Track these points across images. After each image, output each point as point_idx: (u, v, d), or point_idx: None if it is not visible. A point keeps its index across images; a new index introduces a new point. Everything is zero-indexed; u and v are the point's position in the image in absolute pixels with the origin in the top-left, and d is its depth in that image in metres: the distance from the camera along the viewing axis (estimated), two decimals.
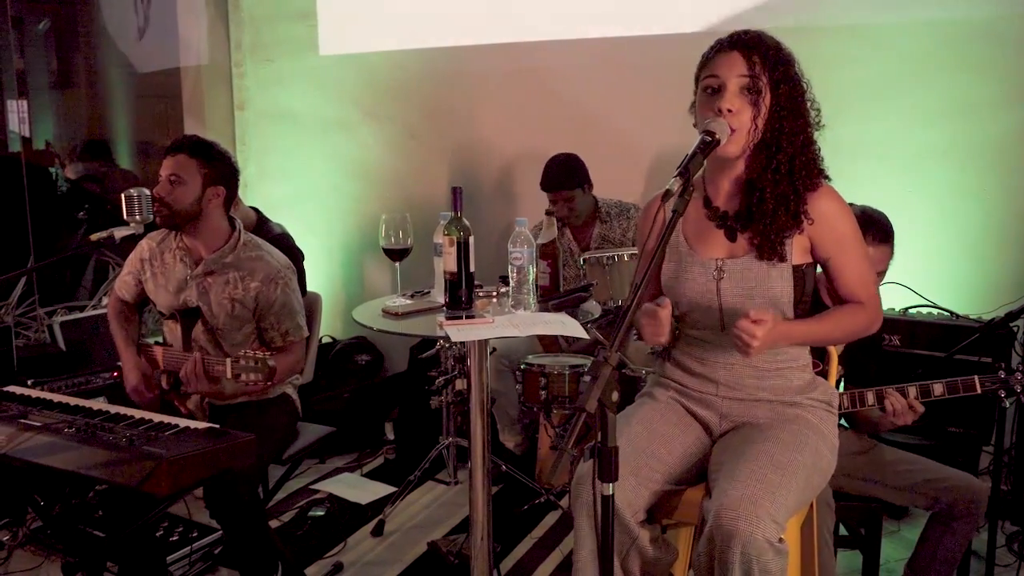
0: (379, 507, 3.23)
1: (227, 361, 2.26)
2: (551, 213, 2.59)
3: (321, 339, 3.87)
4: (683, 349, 1.89)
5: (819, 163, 1.80)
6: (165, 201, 2.44)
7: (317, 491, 3.41)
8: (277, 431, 2.54)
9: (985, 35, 3.03)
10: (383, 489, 3.42)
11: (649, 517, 1.78)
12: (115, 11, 5.01)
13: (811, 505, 1.92)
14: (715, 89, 1.74)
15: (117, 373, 2.81)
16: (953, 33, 3.07)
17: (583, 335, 2.08)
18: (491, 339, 2.34)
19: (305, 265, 3.46)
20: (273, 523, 3.08)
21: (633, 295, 1.50)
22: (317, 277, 4.08)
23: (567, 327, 2.10)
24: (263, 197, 4.36)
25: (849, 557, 2.61)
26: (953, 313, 2.98)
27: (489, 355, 2.38)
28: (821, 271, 1.86)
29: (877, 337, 2.52)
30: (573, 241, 3.48)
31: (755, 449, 1.71)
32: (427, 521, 3.18)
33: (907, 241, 2.43)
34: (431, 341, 3.48)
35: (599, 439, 1.44)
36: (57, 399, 2.25)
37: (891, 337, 2.98)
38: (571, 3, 3.76)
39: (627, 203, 3.51)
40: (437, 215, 2.43)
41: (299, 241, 3.50)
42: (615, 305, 2.62)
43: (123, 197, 2.51)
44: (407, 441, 3.74)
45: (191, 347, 2.48)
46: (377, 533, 3.07)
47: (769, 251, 1.77)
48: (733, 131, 1.71)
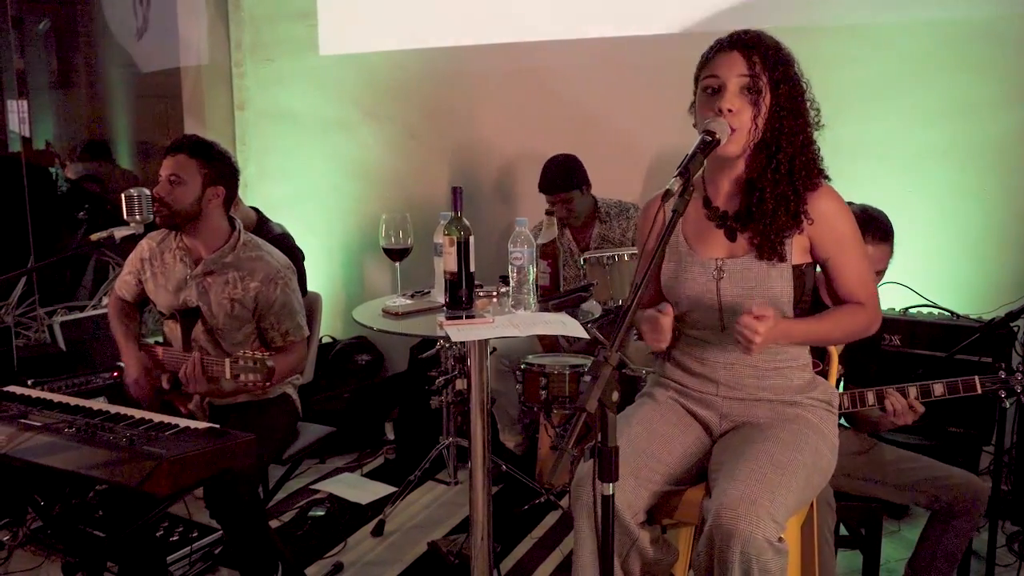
0: (379, 507, 3.23)
1: (226, 362, 2.26)
2: (551, 213, 2.59)
3: (321, 339, 3.87)
4: (683, 349, 1.89)
5: (819, 163, 1.80)
6: (165, 201, 2.44)
7: (317, 491, 3.41)
8: (277, 431, 2.54)
9: (985, 35, 3.03)
10: (383, 489, 3.42)
11: (649, 518, 1.78)
12: (116, 11, 5.01)
13: (811, 505, 1.92)
14: (715, 89, 1.74)
15: (117, 373, 2.81)
16: (953, 33, 3.07)
17: (583, 335, 2.08)
18: (491, 339, 2.34)
19: (305, 265, 3.46)
20: (273, 523, 3.08)
21: (633, 295, 1.50)
22: (317, 277, 4.08)
23: (567, 327, 2.10)
24: (263, 197, 4.36)
25: (849, 557, 2.61)
26: (953, 313, 2.98)
27: (489, 355, 2.38)
28: (821, 271, 1.86)
29: (877, 337, 2.52)
30: (573, 241, 3.48)
31: (755, 449, 1.71)
32: (427, 521, 3.18)
33: (907, 241, 2.43)
34: (431, 341, 3.48)
35: (599, 439, 1.44)
36: (57, 399, 2.25)
37: (891, 337, 2.98)
38: (571, 3, 3.76)
39: (627, 203, 3.51)
40: (437, 215, 2.43)
41: (299, 241, 3.51)
42: (615, 305, 2.62)
43: (123, 197, 2.51)
44: (407, 441, 3.74)
45: (191, 347, 2.48)
46: (377, 533, 3.07)
47: (769, 251, 1.77)
48: (733, 131, 1.71)
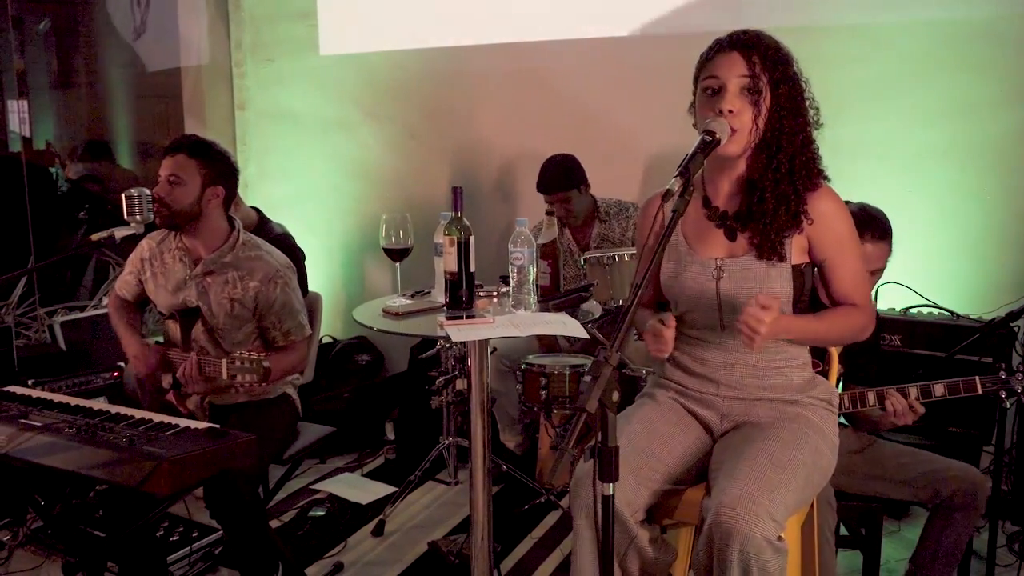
0: (379, 507, 3.23)
1: (223, 362, 2.26)
2: (551, 213, 2.59)
3: (321, 339, 3.87)
4: (682, 350, 1.89)
5: (818, 163, 1.80)
6: (165, 201, 2.44)
7: (317, 491, 3.41)
8: (277, 431, 2.54)
9: (985, 35, 3.03)
10: (383, 489, 3.42)
11: (649, 517, 1.78)
12: (116, 11, 5.02)
13: (812, 504, 1.92)
14: (715, 90, 1.73)
15: (117, 373, 2.82)
16: (953, 33, 3.07)
17: (583, 335, 2.08)
18: (491, 339, 2.34)
19: (306, 265, 3.46)
20: (273, 523, 3.08)
21: (633, 296, 1.50)
22: (317, 277, 4.08)
23: (567, 327, 2.10)
24: (263, 197, 4.36)
25: (849, 557, 2.61)
26: (953, 313, 2.98)
27: (489, 355, 2.38)
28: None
29: (877, 337, 2.53)
30: (573, 241, 3.48)
31: (755, 448, 1.71)
32: (427, 521, 3.18)
33: (907, 241, 2.43)
34: (431, 341, 3.48)
35: (599, 439, 1.44)
36: (57, 399, 2.25)
37: (891, 337, 2.98)
38: (571, 3, 3.76)
39: (626, 202, 3.51)
40: (437, 215, 2.43)
41: (299, 241, 3.51)
42: (615, 305, 2.62)
43: (123, 197, 2.51)
44: (407, 441, 3.74)
45: (191, 347, 2.48)
46: (377, 533, 3.07)
47: (769, 251, 1.77)
48: (734, 131, 1.71)
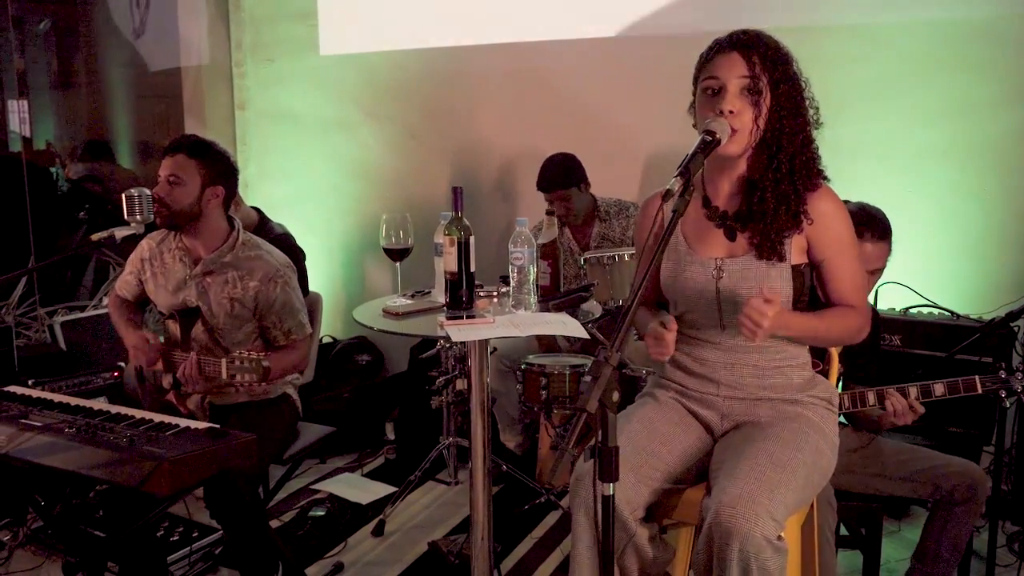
0: (379, 507, 3.23)
1: (222, 362, 2.26)
2: (552, 213, 2.59)
3: (322, 339, 3.87)
4: (682, 350, 1.89)
5: (818, 162, 1.80)
6: (164, 202, 2.44)
7: (318, 491, 3.41)
8: (277, 431, 2.54)
9: (985, 35, 3.03)
10: (383, 489, 3.42)
11: (648, 516, 1.78)
12: (115, 11, 5.02)
13: (812, 504, 1.92)
14: (715, 90, 1.73)
15: (117, 373, 2.81)
16: (953, 33, 3.07)
17: (583, 335, 2.08)
18: (492, 339, 2.34)
19: (306, 265, 3.46)
20: (274, 523, 3.08)
21: (633, 296, 1.50)
22: (318, 277, 4.08)
23: (567, 327, 2.10)
24: (264, 197, 4.36)
25: (850, 557, 2.61)
26: (953, 313, 2.98)
27: (490, 355, 2.38)
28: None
29: (877, 337, 2.53)
30: (573, 240, 3.48)
31: (755, 447, 1.71)
32: (428, 521, 3.18)
33: (907, 241, 2.43)
34: (432, 341, 3.48)
35: (599, 439, 1.44)
36: (58, 399, 2.25)
37: (891, 337, 2.98)
38: (571, 3, 3.76)
39: (626, 202, 3.51)
40: (438, 215, 2.43)
41: (299, 241, 3.51)
42: (615, 305, 2.62)
43: (123, 197, 2.51)
44: (407, 441, 3.74)
45: (191, 347, 2.48)
46: (378, 533, 3.07)
47: (769, 250, 1.77)
48: (735, 131, 1.71)
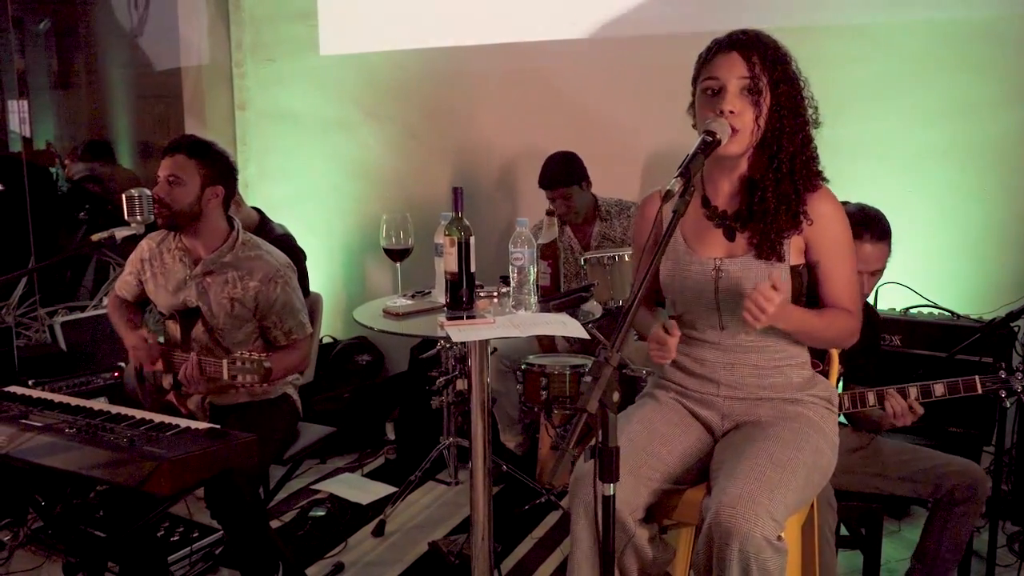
0: (380, 507, 3.23)
1: (223, 363, 2.26)
2: (551, 213, 2.59)
3: (322, 339, 3.87)
4: (682, 350, 1.88)
5: (817, 162, 1.80)
6: (164, 202, 2.44)
7: (318, 491, 3.41)
8: (278, 431, 2.54)
9: (985, 35, 3.03)
10: (384, 489, 3.42)
11: (648, 517, 1.78)
12: (115, 11, 5.02)
13: (812, 505, 1.92)
14: (715, 91, 1.73)
15: (118, 373, 2.81)
16: (953, 33, 3.07)
17: (583, 335, 2.08)
18: (492, 339, 2.34)
19: (307, 265, 3.46)
20: (274, 523, 3.08)
21: (633, 297, 1.50)
22: (318, 277, 4.08)
23: (567, 327, 2.10)
24: (264, 197, 4.36)
25: (850, 557, 2.61)
26: (954, 313, 2.98)
27: (490, 355, 2.38)
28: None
29: (876, 337, 2.53)
30: (574, 238, 3.48)
31: (755, 447, 1.71)
32: (428, 521, 3.18)
33: (907, 241, 2.43)
34: (432, 341, 3.48)
35: (600, 439, 1.43)
36: (58, 399, 2.25)
37: (891, 337, 2.98)
38: (571, 3, 3.76)
39: (627, 201, 3.51)
40: (438, 215, 2.43)
41: (300, 241, 3.50)
42: (616, 305, 2.62)
43: (124, 197, 2.51)
44: (408, 441, 3.74)
45: (191, 347, 2.48)
46: (378, 533, 3.07)
47: (768, 251, 1.77)
48: (736, 132, 1.71)
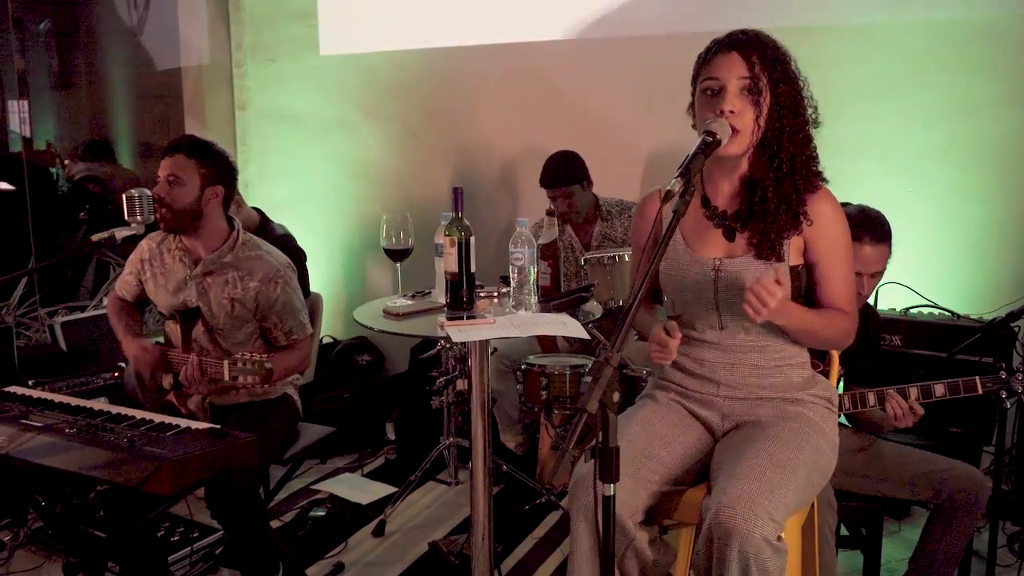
0: (380, 507, 3.23)
1: (224, 363, 2.26)
2: (552, 213, 2.59)
3: (322, 339, 3.87)
4: (682, 351, 1.87)
5: (817, 162, 1.80)
6: (164, 202, 2.44)
7: (318, 491, 3.41)
8: (278, 431, 2.54)
9: (985, 35, 3.03)
10: (384, 489, 3.42)
11: (648, 518, 1.78)
12: (115, 11, 5.02)
13: (812, 505, 1.92)
14: (715, 91, 1.73)
15: (118, 373, 2.81)
16: (953, 33, 3.07)
17: (584, 335, 2.08)
18: (492, 339, 2.34)
19: (307, 266, 3.46)
20: (274, 523, 3.08)
21: (633, 298, 1.50)
22: (318, 277, 4.08)
23: (568, 327, 2.10)
24: (264, 197, 4.36)
25: (850, 557, 2.61)
26: (954, 313, 2.98)
27: (490, 355, 2.38)
28: None
29: (876, 337, 2.53)
30: (575, 237, 3.48)
31: (755, 447, 1.71)
32: (428, 521, 3.18)
33: (907, 241, 2.43)
34: (432, 341, 3.48)
35: (600, 440, 1.43)
36: (58, 399, 2.25)
37: (891, 337, 2.98)
38: (571, 3, 3.76)
39: (628, 202, 3.51)
40: (438, 215, 2.43)
41: (300, 241, 3.50)
42: (616, 305, 2.62)
43: (124, 198, 2.51)
44: (408, 441, 3.74)
45: (191, 347, 2.48)
46: (378, 533, 3.07)
47: (768, 251, 1.77)
48: (737, 132, 1.71)
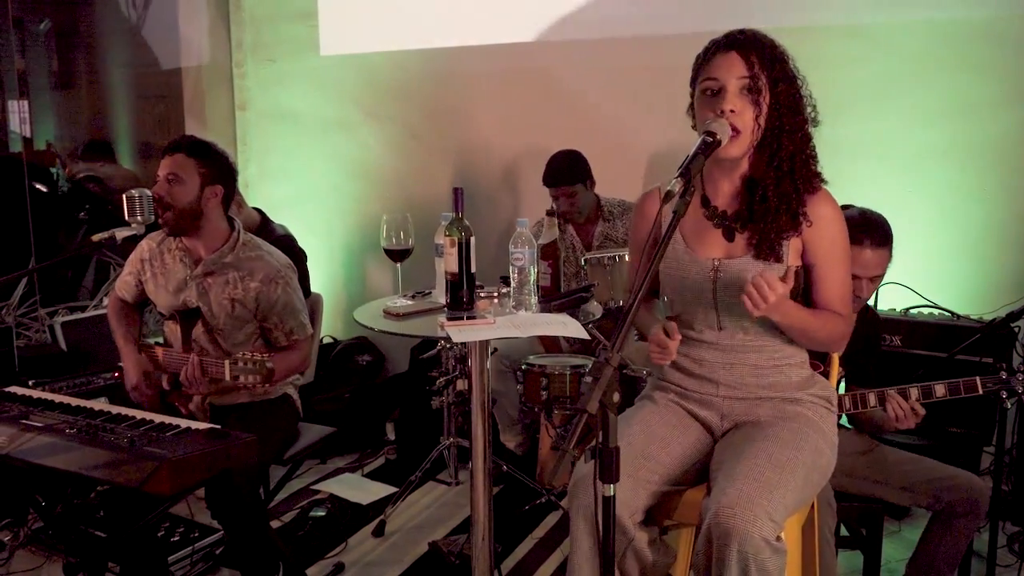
0: (380, 507, 3.23)
1: (225, 363, 2.26)
2: (552, 213, 2.59)
3: (322, 339, 3.87)
4: (681, 351, 1.87)
5: (816, 161, 1.80)
6: (164, 201, 2.44)
7: (318, 491, 3.41)
8: (278, 431, 2.54)
9: (985, 35, 3.03)
10: (384, 489, 3.42)
11: (648, 518, 1.78)
12: (115, 11, 5.02)
13: (812, 505, 1.92)
14: (715, 91, 1.73)
15: (118, 374, 2.81)
16: (953, 33, 3.07)
17: (584, 336, 2.08)
18: (492, 340, 2.34)
19: (307, 266, 3.45)
20: (274, 523, 3.08)
21: (634, 298, 1.50)
22: (318, 277, 4.08)
23: (568, 328, 2.10)
24: (264, 197, 4.36)
25: (850, 557, 2.61)
26: (954, 313, 2.98)
27: (490, 355, 2.38)
28: None
29: (877, 337, 2.53)
30: (576, 237, 3.48)
31: (755, 448, 1.71)
32: (428, 521, 3.18)
33: (907, 241, 2.43)
34: (432, 342, 3.48)
35: (600, 440, 1.43)
36: (58, 399, 2.25)
37: (891, 337, 2.98)
38: (571, 3, 3.76)
39: (629, 202, 3.50)
40: (438, 216, 2.43)
41: (300, 241, 3.50)
42: (616, 305, 2.62)
43: (124, 198, 2.51)
44: (408, 441, 3.74)
45: (191, 348, 2.48)
46: (378, 533, 3.07)
47: (767, 251, 1.77)
48: (737, 132, 1.71)
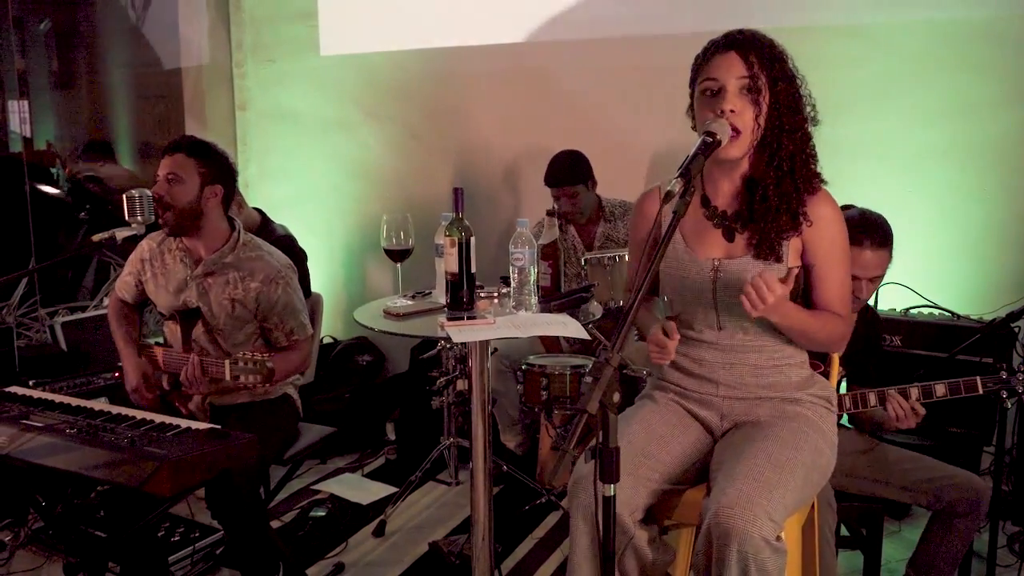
0: (380, 507, 3.23)
1: (225, 363, 2.26)
2: (552, 213, 2.59)
3: (322, 339, 3.87)
4: (680, 351, 1.88)
5: (816, 161, 1.80)
6: (164, 200, 2.44)
7: (318, 491, 3.41)
8: (278, 432, 2.54)
9: (985, 35, 3.03)
10: (384, 489, 3.42)
11: (648, 518, 1.78)
12: (118, 11, 5.02)
13: (812, 505, 1.92)
14: (715, 91, 1.73)
15: (118, 374, 2.81)
16: (953, 33, 3.07)
17: (584, 336, 2.08)
18: (492, 340, 2.34)
19: (307, 266, 3.45)
20: (274, 523, 3.08)
21: (634, 298, 1.50)
22: (318, 277, 4.08)
23: (568, 328, 2.10)
24: (264, 197, 4.36)
25: (850, 557, 2.61)
26: (954, 313, 2.98)
27: (490, 356, 2.38)
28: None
29: (877, 337, 2.53)
30: (577, 238, 3.48)
31: (754, 448, 1.71)
32: (428, 521, 3.18)
33: (907, 241, 2.43)
34: (432, 342, 3.48)
35: (600, 440, 1.43)
36: (58, 400, 2.25)
37: (892, 337, 2.98)
38: (571, 3, 3.76)
39: (630, 203, 3.50)
40: (438, 216, 2.43)
41: (300, 241, 3.50)
42: (616, 306, 2.62)
43: (124, 198, 2.51)
44: (408, 441, 3.74)
45: (191, 348, 2.48)
46: (378, 533, 3.07)
47: (767, 251, 1.77)
48: (737, 132, 1.71)
